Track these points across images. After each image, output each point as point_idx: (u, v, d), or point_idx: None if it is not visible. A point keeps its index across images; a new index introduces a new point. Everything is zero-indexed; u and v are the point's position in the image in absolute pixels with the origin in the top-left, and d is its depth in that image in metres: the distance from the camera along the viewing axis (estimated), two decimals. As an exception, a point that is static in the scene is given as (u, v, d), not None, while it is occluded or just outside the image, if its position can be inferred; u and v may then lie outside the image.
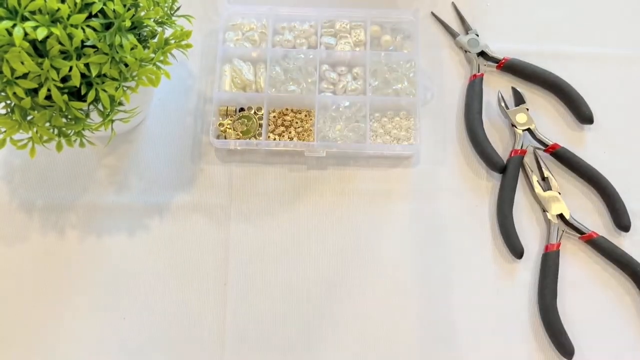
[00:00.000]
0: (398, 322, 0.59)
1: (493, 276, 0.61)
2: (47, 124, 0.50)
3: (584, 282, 0.61)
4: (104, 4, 0.48)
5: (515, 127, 0.66)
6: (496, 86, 0.69)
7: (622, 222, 0.62)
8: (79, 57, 0.47)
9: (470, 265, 0.62)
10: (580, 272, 0.61)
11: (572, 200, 0.64)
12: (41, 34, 0.44)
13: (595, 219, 0.64)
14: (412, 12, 0.70)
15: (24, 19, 0.45)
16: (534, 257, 0.62)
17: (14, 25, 0.44)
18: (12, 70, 0.46)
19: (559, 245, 0.61)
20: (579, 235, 0.62)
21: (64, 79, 0.48)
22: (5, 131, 0.50)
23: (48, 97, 0.48)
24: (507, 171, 0.64)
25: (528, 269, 0.61)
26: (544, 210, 0.63)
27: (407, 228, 0.63)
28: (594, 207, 0.64)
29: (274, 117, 0.66)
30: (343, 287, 0.60)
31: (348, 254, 0.62)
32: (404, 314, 0.59)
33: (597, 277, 0.61)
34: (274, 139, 0.65)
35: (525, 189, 0.65)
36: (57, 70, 0.47)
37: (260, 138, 0.64)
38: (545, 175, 0.65)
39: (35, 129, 0.50)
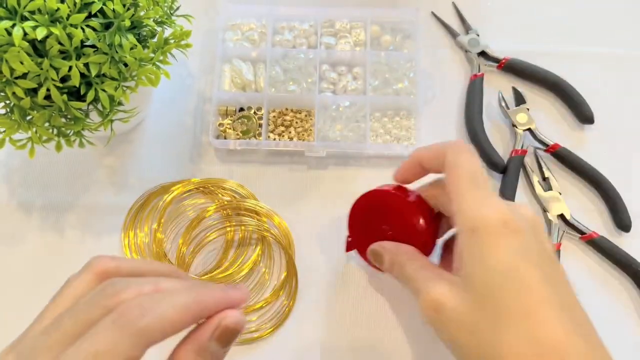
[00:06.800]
0: (397, 322, 0.59)
1: (493, 276, 0.61)
2: (47, 124, 0.50)
3: (584, 282, 0.61)
4: (104, 4, 0.48)
5: (516, 127, 0.66)
6: (497, 86, 0.69)
7: (622, 222, 0.62)
8: (78, 57, 0.47)
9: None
10: (580, 272, 0.61)
11: (572, 200, 0.64)
12: (40, 33, 0.44)
13: (596, 219, 0.64)
14: (413, 11, 0.70)
15: (23, 18, 0.45)
16: (535, 258, 0.62)
17: (13, 25, 0.44)
18: (12, 70, 0.46)
19: (559, 245, 0.61)
20: (580, 236, 0.62)
21: (64, 79, 0.48)
22: (4, 131, 0.50)
23: (47, 97, 0.48)
24: (507, 171, 0.64)
25: (528, 269, 0.61)
26: (545, 211, 0.63)
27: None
28: (595, 207, 0.64)
29: (274, 117, 0.66)
30: (342, 287, 0.60)
31: (347, 253, 0.61)
32: (403, 313, 0.59)
33: (597, 277, 0.61)
34: (274, 139, 0.65)
35: (526, 189, 0.65)
36: (57, 70, 0.46)
37: (260, 138, 0.64)
38: (546, 176, 0.64)
39: (34, 129, 0.50)
